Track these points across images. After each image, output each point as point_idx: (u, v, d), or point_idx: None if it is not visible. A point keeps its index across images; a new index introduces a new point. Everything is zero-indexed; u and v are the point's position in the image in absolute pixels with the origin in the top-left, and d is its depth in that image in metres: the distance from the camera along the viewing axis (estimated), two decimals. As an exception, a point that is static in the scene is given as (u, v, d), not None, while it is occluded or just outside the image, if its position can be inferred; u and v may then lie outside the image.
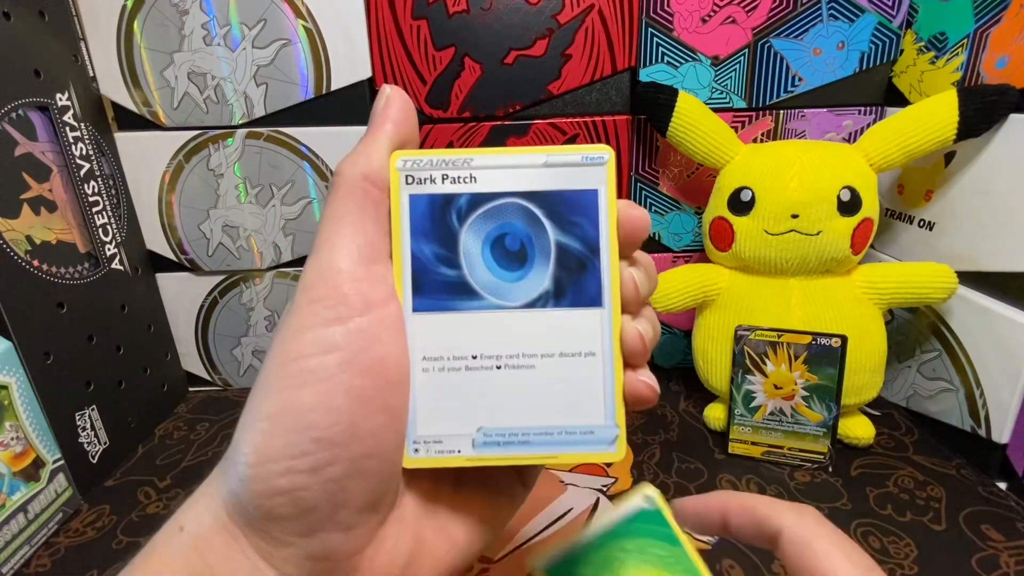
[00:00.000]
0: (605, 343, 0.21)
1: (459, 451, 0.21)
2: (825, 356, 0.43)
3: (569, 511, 0.40)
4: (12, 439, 0.38)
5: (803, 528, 0.19)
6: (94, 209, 0.46)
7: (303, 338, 0.19)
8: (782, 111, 0.50)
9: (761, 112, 0.51)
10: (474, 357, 0.21)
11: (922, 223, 0.48)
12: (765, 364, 0.44)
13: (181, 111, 0.49)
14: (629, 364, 0.21)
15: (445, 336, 0.21)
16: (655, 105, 0.47)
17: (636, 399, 0.21)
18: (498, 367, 0.21)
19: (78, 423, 0.43)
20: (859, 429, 0.46)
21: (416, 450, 0.21)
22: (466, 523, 0.23)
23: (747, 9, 0.48)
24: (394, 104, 0.22)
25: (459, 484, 0.23)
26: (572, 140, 0.51)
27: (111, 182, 0.48)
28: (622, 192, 0.53)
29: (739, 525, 0.21)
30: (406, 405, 0.21)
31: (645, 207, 0.53)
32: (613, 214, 0.21)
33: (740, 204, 0.45)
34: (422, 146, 0.47)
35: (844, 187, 0.43)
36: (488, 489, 0.24)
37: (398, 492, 0.21)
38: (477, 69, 0.49)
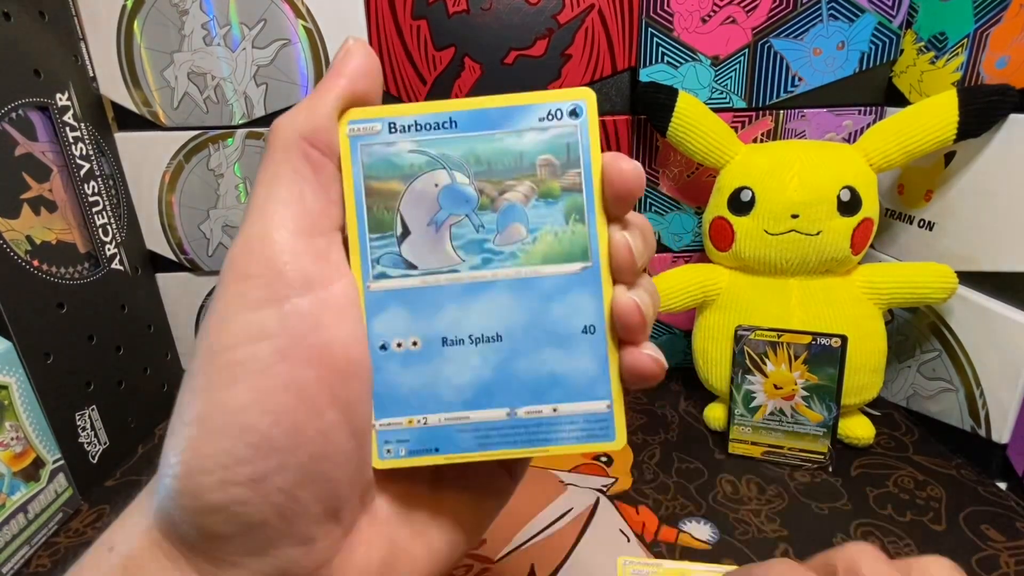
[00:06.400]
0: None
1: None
2: (825, 356, 0.43)
3: (569, 511, 0.40)
4: (12, 439, 0.38)
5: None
6: (94, 209, 0.46)
7: (229, 324, 0.16)
8: (782, 111, 0.50)
9: (761, 112, 0.51)
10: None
11: (922, 223, 0.48)
12: (765, 364, 0.44)
13: (181, 111, 0.49)
14: (629, 340, 0.19)
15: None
16: (655, 105, 0.47)
17: (641, 375, 0.19)
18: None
19: (78, 423, 0.43)
20: (859, 429, 0.46)
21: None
22: (447, 525, 0.20)
23: (747, 9, 0.48)
24: (354, 57, 0.18)
25: (438, 482, 0.21)
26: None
27: (111, 182, 0.48)
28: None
29: None
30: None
31: (645, 207, 0.53)
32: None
33: (740, 204, 0.45)
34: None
35: (844, 187, 0.43)
36: (471, 486, 0.21)
37: (367, 496, 0.19)
38: (477, 69, 0.49)
